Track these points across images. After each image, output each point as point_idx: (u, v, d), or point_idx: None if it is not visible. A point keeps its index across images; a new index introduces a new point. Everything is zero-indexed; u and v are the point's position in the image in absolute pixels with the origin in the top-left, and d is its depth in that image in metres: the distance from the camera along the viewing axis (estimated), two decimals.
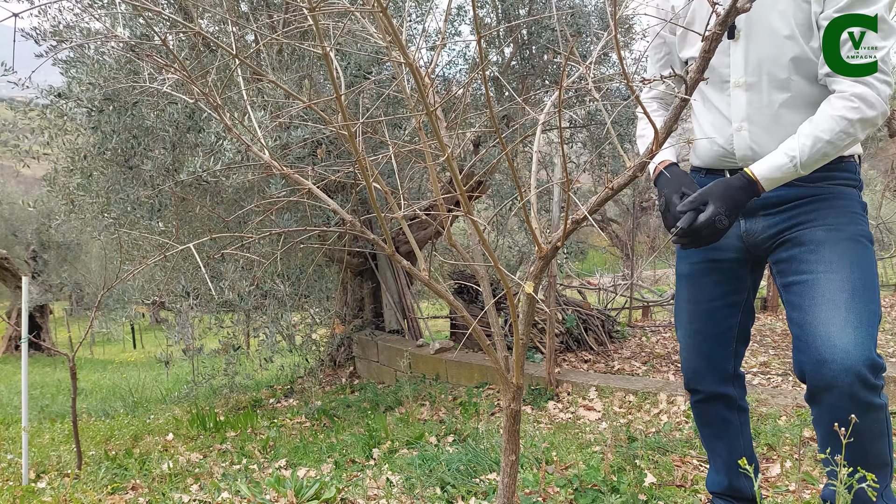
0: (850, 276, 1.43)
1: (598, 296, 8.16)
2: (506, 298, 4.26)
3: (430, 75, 1.19)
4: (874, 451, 1.45)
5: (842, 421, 1.37)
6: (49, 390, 7.90)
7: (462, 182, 1.16)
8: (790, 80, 1.47)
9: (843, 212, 1.50)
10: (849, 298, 1.40)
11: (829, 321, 1.40)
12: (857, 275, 1.43)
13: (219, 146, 3.46)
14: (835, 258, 1.45)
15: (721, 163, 1.61)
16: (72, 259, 14.60)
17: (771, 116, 1.50)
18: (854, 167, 1.54)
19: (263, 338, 4.84)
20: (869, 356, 1.36)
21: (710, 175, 1.64)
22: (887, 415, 1.44)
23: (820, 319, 1.41)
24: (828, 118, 1.37)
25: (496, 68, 5.07)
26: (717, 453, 1.80)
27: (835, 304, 1.41)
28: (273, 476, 2.69)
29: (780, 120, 1.49)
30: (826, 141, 1.37)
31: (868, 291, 1.43)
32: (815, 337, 1.41)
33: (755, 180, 1.41)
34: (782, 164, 1.40)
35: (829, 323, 1.40)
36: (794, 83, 1.47)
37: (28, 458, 3.32)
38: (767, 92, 1.49)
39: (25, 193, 13.20)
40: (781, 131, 1.47)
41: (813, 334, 1.42)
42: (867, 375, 1.35)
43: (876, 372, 1.37)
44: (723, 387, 1.73)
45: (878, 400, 1.40)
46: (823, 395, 1.40)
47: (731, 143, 1.56)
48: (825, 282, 1.44)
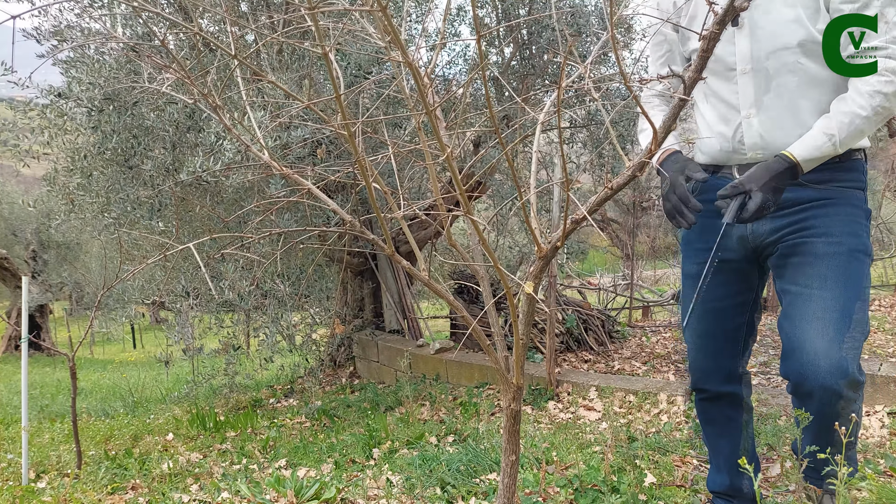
0: (842, 295, 1.45)
1: (598, 296, 8.17)
2: (506, 298, 4.25)
3: (429, 75, 1.18)
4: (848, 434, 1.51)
5: (819, 420, 1.45)
6: (49, 390, 7.90)
7: (462, 182, 1.16)
8: (797, 64, 1.46)
9: (846, 221, 1.49)
10: (839, 318, 1.43)
11: (817, 338, 1.43)
12: (850, 293, 1.45)
13: (219, 146, 3.46)
14: (830, 275, 1.47)
15: (728, 158, 1.59)
16: (72, 259, 14.60)
17: (780, 101, 1.49)
18: (861, 165, 1.53)
19: (263, 338, 4.85)
20: (850, 375, 1.41)
21: (716, 172, 1.63)
22: (860, 406, 1.52)
23: (808, 336, 1.45)
24: (863, 94, 1.38)
25: (496, 68, 5.07)
26: (719, 452, 1.80)
27: (824, 322, 1.44)
28: (273, 476, 2.69)
29: (791, 105, 1.48)
30: (864, 117, 1.38)
31: (859, 310, 1.46)
32: (802, 353, 1.45)
33: (796, 162, 1.42)
34: (822, 144, 1.41)
35: (816, 340, 1.43)
36: (802, 66, 1.46)
37: (28, 458, 3.32)
38: (776, 77, 1.48)
39: (25, 193, 13.20)
40: (790, 117, 1.47)
41: (799, 349, 1.45)
42: (845, 392, 1.42)
43: (855, 388, 1.43)
44: (729, 385, 1.73)
45: (854, 405, 1.46)
46: (804, 400, 1.48)
47: (741, 133, 1.54)
48: (818, 299, 1.46)
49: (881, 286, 8.34)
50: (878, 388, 3.05)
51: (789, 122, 1.48)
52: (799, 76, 1.46)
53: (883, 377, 3.06)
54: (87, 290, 14.65)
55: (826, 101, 1.46)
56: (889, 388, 3.03)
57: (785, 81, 1.47)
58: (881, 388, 3.05)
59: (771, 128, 1.50)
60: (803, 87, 1.47)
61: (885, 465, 2.28)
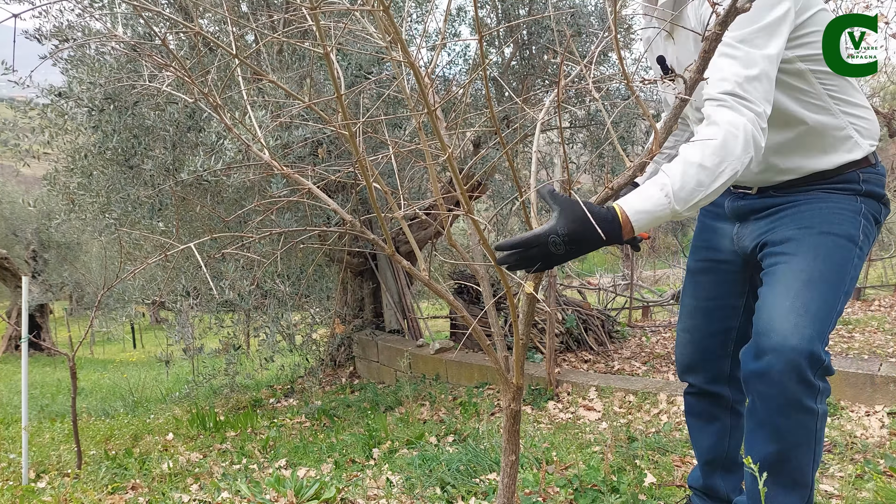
0: (810, 266, 1.35)
1: (598, 296, 8.17)
2: (506, 298, 4.26)
3: (430, 75, 1.19)
4: (794, 462, 1.35)
5: (772, 416, 1.30)
6: (49, 390, 7.91)
7: (462, 182, 1.16)
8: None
9: (826, 213, 1.42)
10: (801, 287, 1.33)
11: (774, 305, 1.32)
12: (820, 266, 1.35)
13: (219, 145, 3.46)
14: (800, 249, 1.38)
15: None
16: (72, 259, 14.62)
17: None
18: (855, 177, 1.44)
19: (264, 337, 4.85)
20: (809, 346, 1.26)
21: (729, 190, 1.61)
22: (818, 427, 1.34)
23: (767, 303, 1.34)
24: (694, 144, 1.21)
25: (496, 68, 5.07)
26: (697, 447, 1.79)
27: (785, 289, 1.34)
28: (273, 476, 2.69)
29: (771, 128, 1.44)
30: (699, 165, 1.18)
31: (828, 285, 1.34)
32: (758, 320, 1.34)
33: (621, 220, 1.17)
34: (654, 195, 1.18)
35: (774, 306, 1.32)
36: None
37: (28, 458, 3.32)
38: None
39: (25, 192, 13.21)
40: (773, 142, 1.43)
41: (756, 319, 1.35)
42: (803, 367, 1.26)
43: (815, 366, 1.28)
44: (716, 385, 1.72)
45: (812, 403, 1.30)
46: (754, 382, 1.32)
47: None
48: (783, 270, 1.38)
49: (881, 286, 8.34)
50: (878, 388, 3.05)
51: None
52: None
53: (883, 377, 3.06)
54: (88, 290, 14.66)
55: (800, 118, 1.41)
56: (889, 388, 3.03)
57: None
58: (881, 388, 3.05)
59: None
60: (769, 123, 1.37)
61: (884, 465, 2.28)
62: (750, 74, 1.22)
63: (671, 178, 1.17)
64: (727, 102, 1.22)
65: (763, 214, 1.52)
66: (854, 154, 1.43)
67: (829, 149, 1.42)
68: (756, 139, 1.20)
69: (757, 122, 1.21)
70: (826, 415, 1.35)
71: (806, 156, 1.44)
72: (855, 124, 1.42)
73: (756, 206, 1.53)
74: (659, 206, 1.17)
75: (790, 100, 1.39)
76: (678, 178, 1.17)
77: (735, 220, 1.60)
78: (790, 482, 1.37)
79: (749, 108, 1.21)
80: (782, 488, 1.37)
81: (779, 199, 1.49)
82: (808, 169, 1.45)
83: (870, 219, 1.45)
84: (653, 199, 1.17)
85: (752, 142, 1.20)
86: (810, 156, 1.44)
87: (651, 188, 1.18)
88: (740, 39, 1.24)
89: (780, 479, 1.36)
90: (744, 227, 1.57)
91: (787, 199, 1.48)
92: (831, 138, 1.42)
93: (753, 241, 1.53)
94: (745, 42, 1.24)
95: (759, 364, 1.30)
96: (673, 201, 1.17)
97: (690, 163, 1.17)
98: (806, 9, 1.32)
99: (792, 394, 1.28)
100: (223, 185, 3.94)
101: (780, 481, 1.36)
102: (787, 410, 1.29)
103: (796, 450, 1.34)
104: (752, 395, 1.35)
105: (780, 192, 1.49)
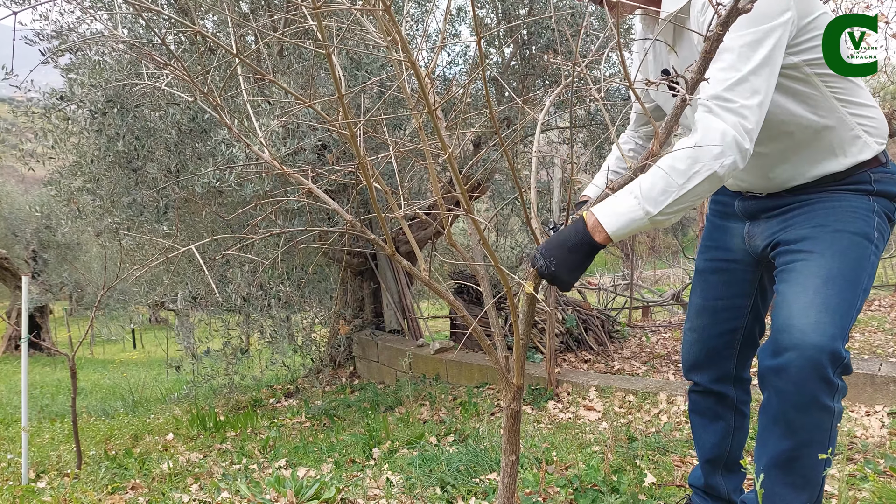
0: (828, 263, 1.34)
1: (598, 296, 8.17)
2: (506, 298, 4.25)
3: (430, 75, 1.19)
4: (806, 460, 1.35)
5: (788, 413, 1.29)
6: (49, 390, 7.91)
7: (462, 182, 1.16)
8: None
9: (839, 212, 1.42)
10: (821, 284, 1.32)
11: (793, 301, 1.31)
12: (838, 264, 1.34)
13: (230, 154, 3.45)
14: (816, 247, 1.38)
15: (737, 185, 1.60)
16: (72, 259, 14.62)
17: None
18: (866, 178, 1.43)
19: (269, 339, 4.85)
20: (829, 343, 1.25)
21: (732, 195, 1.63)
22: (833, 426, 1.34)
23: (785, 301, 1.33)
24: (676, 152, 1.22)
25: (496, 69, 5.08)
26: (699, 444, 1.79)
27: (804, 286, 1.33)
28: (273, 476, 2.69)
29: (765, 135, 1.43)
30: (680, 172, 1.20)
31: (846, 282, 1.33)
32: (776, 317, 1.33)
33: (593, 230, 1.25)
34: (627, 202, 1.23)
35: (793, 303, 1.31)
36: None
37: (28, 458, 3.32)
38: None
39: (26, 192, 13.21)
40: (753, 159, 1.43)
41: (775, 316, 1.34)
42: (823, 364, 1.25)
43: (836, 364, 1.26)
44: (720, 385, 1.72)
45: (829, 402, 1.29)
46: (772, 378, 1.31)
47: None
48: (801, 267, 1.37)
49: (881, 286, 8.33)
50: (878, 388, 3.05)
51: (755, 163, 1.46)
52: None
53: (883, 377, 3.06)
54: (88, 291, 14.66)
55: (798, 124, 1.41)
56: (889, 388, 3.03)
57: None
58: (881, 388, 3.05)
59: (753, 163, 1.46)
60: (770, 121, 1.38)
61: (884, 465, 2.28)
62: (736, 78, 1.23)
63: (640, 179, 1.20)
64: (709, 107, 1.23)
65: (775, 213, 1.52)
66: (864, 154, 1.43)
67: (838, 151, 1.42)
68: (738, 142, 1.21)
69: (740, 126, 1.21)
70: (841, 413, 1.35)
71: (816, 159, 1.44)
72: (863, 125, 1.42)
73: (767, 205, 1.53)
74: (629, 208, 1.21)
75: (798, 105, 1.38)
76: (647, 179, 1.20)
77: (746, 219, 1.60)
78: (801, 480, 1.37)
79: (732, 112, 1.22)
80: (792, 486, 1.37)
81: (790, 198, 1.49)
82: (819, 173, 1.44)
83: (883, 217, 1.44)
84: (622, 201, 1.21)
85: (734, 145, 1.20)
86: (820, 159, 1.43)
87: (621, 192, 1.22)
88: (730, 45, 1.24)
89: (790, 478, 1.36)
90: (755, 225, 1.57)
91: (798, 199, 1.48)
92: (840, 140, 1.41)
93: (766, 240, 1.53)
94: (734, 49, 1.24)
95: (777, 360, 1.29)
96: (643, 201, 1.20)
97: (661, 165, 1.20)
98: (808, 13, 1.31)
99: (811, 391, 1.27)
100: (233, 192, 3.93)
101: (791, 479, 1.36)
102: (804, 408, 1.28)
103: (809, 448, 1.34)
104: (768, 391, 1.34)
105: (792, 192, 1.49)
